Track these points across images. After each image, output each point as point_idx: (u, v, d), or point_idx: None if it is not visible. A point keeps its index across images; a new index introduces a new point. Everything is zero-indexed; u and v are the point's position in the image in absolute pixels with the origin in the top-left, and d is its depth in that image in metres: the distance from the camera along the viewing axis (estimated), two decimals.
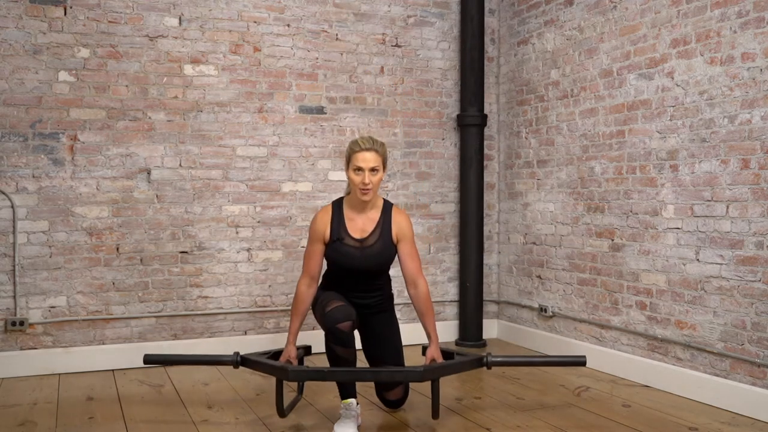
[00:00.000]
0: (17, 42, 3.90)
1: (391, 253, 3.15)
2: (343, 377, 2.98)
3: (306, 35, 4.53)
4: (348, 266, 3.12)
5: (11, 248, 3.90)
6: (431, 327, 3.16)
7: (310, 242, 3.18)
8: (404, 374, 2.96)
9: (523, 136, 4.79)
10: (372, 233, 3.12)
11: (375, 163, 3.00)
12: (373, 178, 3.01)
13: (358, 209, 3.14)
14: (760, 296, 3.18)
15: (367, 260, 3.10)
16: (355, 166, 3.01)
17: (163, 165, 4.21)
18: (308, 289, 3.15)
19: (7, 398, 3.49)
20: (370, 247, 3.11)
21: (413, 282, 3.15)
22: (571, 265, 4.33)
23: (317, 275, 3.18)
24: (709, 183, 3.43)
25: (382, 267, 3.19)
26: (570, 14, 4.34)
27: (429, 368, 2.93)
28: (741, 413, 3.24)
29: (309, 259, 3.16)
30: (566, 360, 3.36)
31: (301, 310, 3.16)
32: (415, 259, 3.16)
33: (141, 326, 4.17)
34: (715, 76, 3.39)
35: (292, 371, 2.90)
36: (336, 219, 3.13)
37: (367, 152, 3.00)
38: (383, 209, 3.17)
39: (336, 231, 3.11)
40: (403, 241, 3.15)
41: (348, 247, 3.10)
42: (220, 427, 3.08)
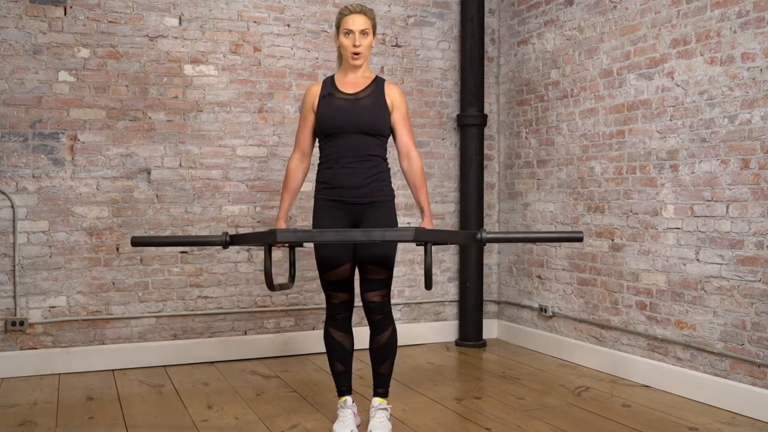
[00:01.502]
0: (17, 42, 3.90)
1: (384, 113, 2.98)
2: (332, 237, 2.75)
3: (306, 35, 4.53)
4: (340, 121, 2.93)
5: (11, 248, 3.90)
6: (424, 200, 3.02)
7: (301, 116, 3.08)
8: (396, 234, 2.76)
9: (523, 136, 4.79)
10: (364, 90, 2.99)
11: (365, 26, 2.94)
12: (364, 41, 2.94)
13: (349, 74, 3.03)
14: (760, 296, 3.18)
15: (359, 113, 2.94)
16: (345, 29, 2.94)
17: (163, 165, 4.21)
18: (299, 165, 3.08)
19: (7, 398, 3.49)
20: (361, 99, 2.96)
21: (406, 154, 3.03)
22: (571, 265, 4.33)
23: (309, 150, 3.09)
24: (709, 183, 3.43)
25: (376, 123, 2.96)
26: (570, 14, 4.35)
27: (421, 230, 2.73)
28: (741, 413, 3.24)
29: (300, 133, 3.08)
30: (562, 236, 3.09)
31: (293, 186, 3.08)
32: (409, 130, 3.05)
33: (141, 326, 4.17)
34: (715, 76, 3.39)
35: (280, 232, 2.72)
36: (326, 84, 3.04)
37: (357, 15, 2.93)
38: (376, 79, 3.06)
39: (326, 90, 3.01)
40: (397, 109, 3.01)
41: (339, 100, 2.97)
42: (220, 427, 3.08)
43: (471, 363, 4.32)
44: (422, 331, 4.81)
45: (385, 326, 2.99)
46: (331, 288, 3.04)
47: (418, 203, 3.06)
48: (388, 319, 3.01)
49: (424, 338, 4.79)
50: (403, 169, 3.06)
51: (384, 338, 2.99)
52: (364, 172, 2.95)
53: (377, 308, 2.98)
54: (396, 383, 3.70)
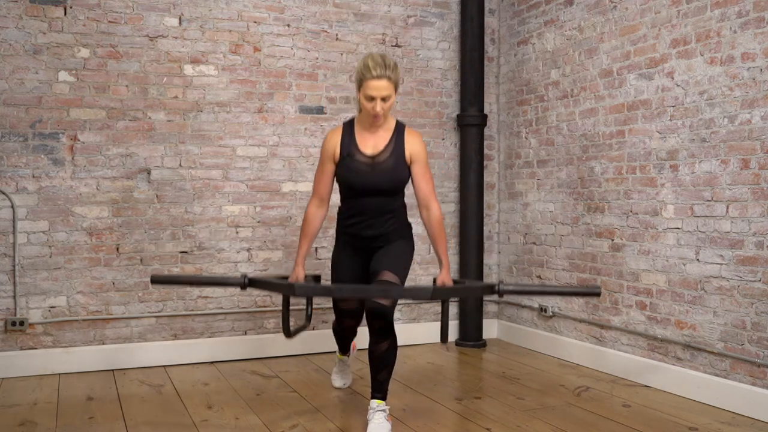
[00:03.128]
0: (17, 42, 3.90)
1: (404, 172, 3.03)
2: (350, 293, 2.93)
3: (306, 35, 4.53)
4: (359, 184, 3.01)
5: (11, 248, 3.90)
6: (443, 252, 3.04)
7: (320, 163, 3.10)
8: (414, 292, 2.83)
9: (523, 136, 4.79)
10: (384, 150, 3.02)
11: (387, 92, 2.91)
12: (385, 105, 2.93)
13: (369, 128, 3.05)
14: (760, 296, 3.18)
15: (378, 177, 2.99)
16: (367, 95, 2.92)
17: (163, 165, 4.21)
18: (317, 210, 3.11)
19: (7, 398, 3.49)
20: (381, 163, 3.00)
21: (426, 205, 3.05)
22: (571, 265, 4.33)
23: (327, 196, 3.12)
24: (709, 183, 3.43)
25: (395, 186, 3.05)
26: (570, 14, 4.35)
27: (439, 288, 2.81)
28: (741, 413, 3.24)
29: (319, 180, 3.10)
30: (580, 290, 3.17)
31: (310, 232, 3.11)
32: (428, 181, 3.06)
33: (141, 326, 4.17)
34: (715, 76, 3.39)
35: (299, 286, 2.83)
36: (347, 137, 3.05)
37: (379, 80, 2.88)
38: (396, 128, 3.07)
39: (346, 147, 3.02)
40: (416, 162, 3.03)
41: (359, 163, 3.00)
42: (220, 427, 3.08)
43: (471, 363, 4.32)
44: (422, 331, 4.81)
45: (385, 337, 2.96)
46: (342, 314, 3.29)
47: (437, 254, 3.09)
48: (390, 328, 2.97)
49: (424, 338, 4.79)
50: (422, 219, 3.11)
51: (383, 348, 2.97)
52: (383, 225, 3.08)
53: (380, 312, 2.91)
54: (396, 383, 3.71)
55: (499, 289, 2.94)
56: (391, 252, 3.07)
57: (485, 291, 3.06)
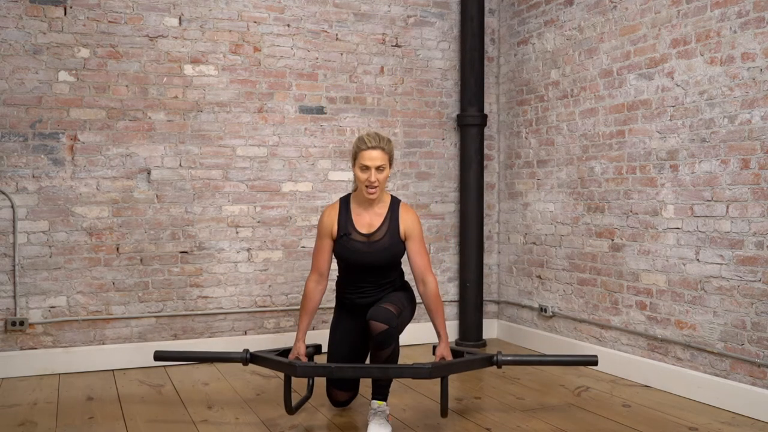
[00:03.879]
0: (17, 42, 3.90)
1: (399, 248, 3.13)
2: (351, 374, 3.02)
3: (306, 35, 4.53)
4: (357, 262, 3.12)
5: (11, 248, 3.90)
6: (441, 325, 3.12)
7: (318, 239, 3.19)
8: (413, 371, 2.89)
9: (523, 136, 4.79)
10: (379, 228, 3.11)
11: (381, 162, 3.01)
12: (380, 176, 3.02)
13: (365, 205, 3.14)
14: (760, 296, 3.18)
15: (375, 255, 3.09)
16: (362, 165, 3.02)
17: (163, 165, 4.21)
18: (317, 286, 3.16)
19: (7, 398, 3.49)
20: (377, 242, 3.10)
21: (422, 280, 3.13)
22: (571, 265, 4.33)
23: (326, 272, 3.18)
24: (709, 183, 3.43)
25: (391, 262, 3.16)
26: (570, 14, 4.34)
27: (437, 365, 2.89)
28: (741, 413, 3.24)
29: (317, 256, 3.17)
30: (578, 360, 3.29)
31: (310, 308, 3.16)
32: (423, 256, 3.14)
33: (141, 326, 4.17)
34: (715, 76, 3.39)
35: (300, 367, 2.90)
36: (343, 215, 3.14)
37: (374, 150, 3.00)
38: (390, 205, 3.16)
39: (343, 226, 3.11)
40: (410, 238, 3.13)
41: (355, 242, 3.10)
42: (220, 427, 3.08)
43: None
44: (422, 331, 4.80)
45: (388, 343, 2.94)
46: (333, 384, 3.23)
47: (435, 327, 3.15)
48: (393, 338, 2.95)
49: (424, 338, 4.78)
50: (419, 293, 3.17)
51: (385, 354, 2.96)
52: (379, 294, 3.16)
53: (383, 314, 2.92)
54: (396, 383, 3.70)
55: (497, 360, 3.11)
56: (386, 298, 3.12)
57: (483, 364, 3.16)
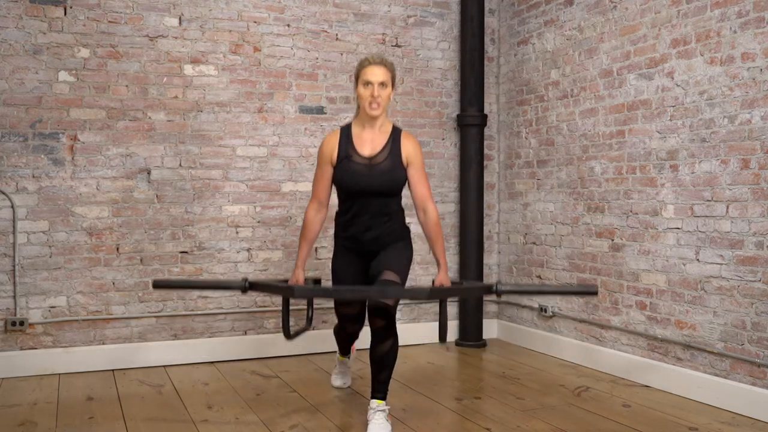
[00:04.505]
0: (17, 42, 3.90)
1: (400, 173, 3.06)
2: (348, 295, 2.99)
3: (306, 35, 4.53)
4: (357, 186, 3.04)
5: (11, 248, 3.90)
6: (440, 253, 3.08)
7: (318, 167, 3.14)
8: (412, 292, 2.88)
9: (523, 136, 4.79)
10: (381, 151, 3.06)
11: (384, 78, 2.98)
12: (382, 93, 2.99)
13: (367, 127, 3.08)
14: (760, 296, 3.18)
15: (376, 178, 3.03)
16: (364, 81, 2.99)
17: (163, 165, 4.21)
18: (317, 214, 3.14)
19: (7, 398, 3.49)
20: (379, 164, 3.04)
21: (423, 207, 3.08)
22: (571, 265, 4.33)
23: (326, 200, 3.14)
24: (709, 183, 3.43)
25: (392, 187, 3.08)
26: (570, 14, 4.34)
27: (437, 288, 2.85)
28: (741, 413, 3.24)
29: (317, 183, 3.13)
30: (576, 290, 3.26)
31: (310, 237, 3.14)
32: (425, 183, 3.10)
33: (141, 326, 4.17)
34: (715, 76, 3.39)
35: (298, 289, 2.89)
36: (344, 139, 3.08)
37: (376, 66, 2.98)
38: (392, 132, 3.11)
39: (344, 150, 3.06)
40: (412, 165, 3.07)
41: (356, 164, 3.04)
42: (220, 427, 3.08)
43: (471, 363, 4.32)
44: (422, 331, 4.80)
45: (387, 337, 3.00)
46: (345, 319, 3.28)
47: (434, 255, 3.12)
48: (392, 328, 3.01)
49: (424, 338, 4.78)
50: (419, 221, 3.14)
51: (385, 348, 3.00)
52: (380, 228, 3.10)
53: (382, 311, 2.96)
54: (396, 383, 3.71)
55: (497, 289, 3.02)
56: (391, 254, 3.10)
57: (483, 291, 3.12)
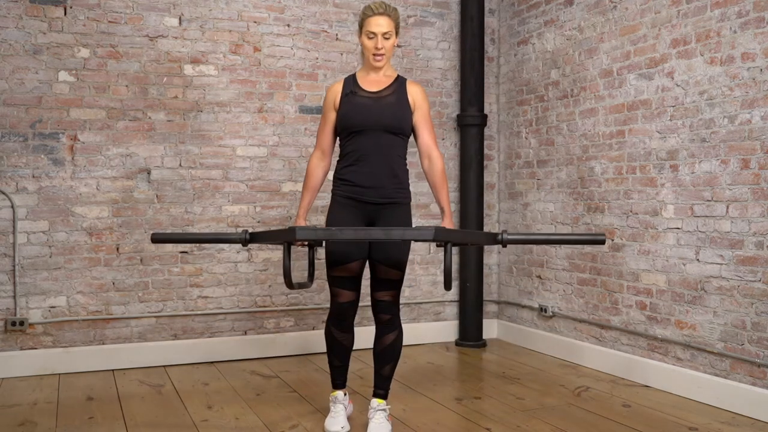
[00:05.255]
0: (17, 42, 3.90)
1: (406, 112, 2.99)
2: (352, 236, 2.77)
3: (306, 35, 4.53)
4: (362, 120, 2.94)
5: (11, 248, 3.90)
6: (445, 201, 3.04)
7: (322, 115, 3.10)
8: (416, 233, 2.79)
9: (523, 136, 4.79)
10: (387, 88, 3.02)
11: (388, 28, 2.95)
12: (386, 43, 2.96)
13: (372, 73, 3.05)
14: (760, 296, 3.18)
15: (382, 112, 2.95)
16: (368, 32, 2.96)
17: (163, 165, 4.21)
18: (320, 162, 3.09)
19: (7, 398, 3.49)
20: (385, 98, 2.98)
21: (428, 154, 3.04)
22: (571, 265, 4.33)
23: (329, 148, 3.10)
24: (709, 183, 3.43)
25: (398, 123, 2.97)
26: (570, 14, 4.35)
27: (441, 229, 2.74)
28: (741, 413, 3.24)
29: (321, 132, 3.10)
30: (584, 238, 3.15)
31: (312, 185, 3.09)
32: (430, 129, 3.06)
33: (141, 326, 4.17)
34: (715, 76, 3.39)
35: (300, 230, 2.73)
36: (349, 82, 3.05)
37: (380, 17, 2.94)
38: (397, 78, 3.07)
39: (349, 88, 3.02)
40: (419, 109, 3.03)
41: (362, 98, 2.98)
42: (220, 427, 3.08)
43: (471, 363, 4.32)
44: (422, 331, 4.81)
45: (392, 328, 3.01)
46: (339, 284, 3.00)
47: (438, 203, 3.07)
48: (396, 321, 3.02)
49: (424, 338, 4.79)
50: (424, 169, 3.08)
51: (389, 340, 3.00)
52: (385, 171, 2.97)
53: (387, 307, 2.98)
54: (396, 383, 3.70)
55: (502, 239, 2.87)
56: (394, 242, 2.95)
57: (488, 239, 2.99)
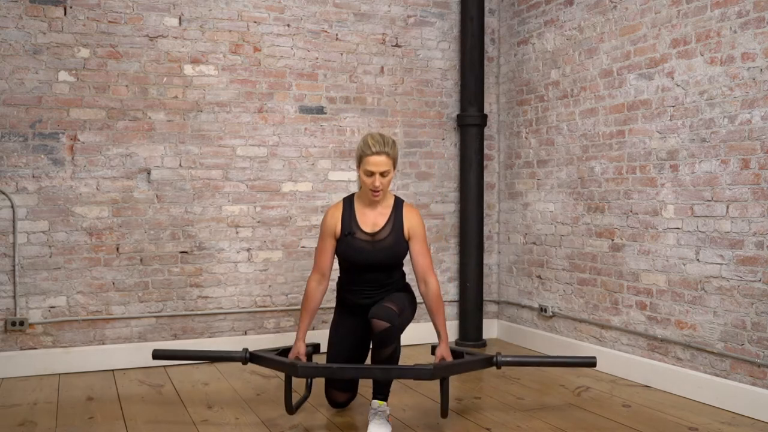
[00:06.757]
0: (17, 42, 3.90)
1: (402, 248, 3.15)
2: (353, 374, 3.03)
3: (306, 35, 4.53)
4: (360, 261, 3.12)
5: (11, 248, 3.90)
6: (441, 325, 3.13)
7: (320, 238, 3.20)
8: (414, 372, 2.91)
9: (523, 136, 4.79)
10: (383, 228, 3.13)
11: (386, 167, 3.04)
12: (384, 181, 3.06)
13: (369, 205, 3.16)
14: (760, 296, 3.18)
15: (378, 254, 3.11)
16: (366, 170, 3.05)
17: (163, 165, 4.21)
18: (318, 286, 3.17)
19: (7, 398, 3.49)
20: (381, 240, 3.12)
21: (424, 279, 3.15)
22: (571, 265, 4.33)
23: (328, 271, 3.19)
24: (709, 183, 3.43)
25: (394, 261, 3.17)
26: (570, 14, 4.34)
27: (439, 366, 2.91)
28: (741, 413, 3.24)
29: (320, 256, 3.18)
30: (576, 361, 3.36)
31: (311, 308, 3.17)
32: (426, 256, 3.16)
33: (141, 326, 4.17)
34: (715, 76, 3.39)
35: (302, 367, 2.90)
36: (347, 214, 3.15)
37: (378, 156, 3.02)
38: (394, 205, 3.18)
39: (347, 225, 3.13)
40: (414, 238, 3.15)
41: (359, 241, 3.11)
42: (220, 427, 3.08)
43: None
44: (422, 331, 4.80)
45: (390, 342, 2.96)
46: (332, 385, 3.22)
47: (435, 327, 3.16)
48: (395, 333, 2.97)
49: (424, 338, 4.78)
50: (420, 293, 3.20)
51: (386, 353, 2.97)
52: (382, 295, 3.16)
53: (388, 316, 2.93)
54: (396, 383, 3.70)
55: (497, 361, 3.16)
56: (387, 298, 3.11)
57: (484, 365, 3.20)
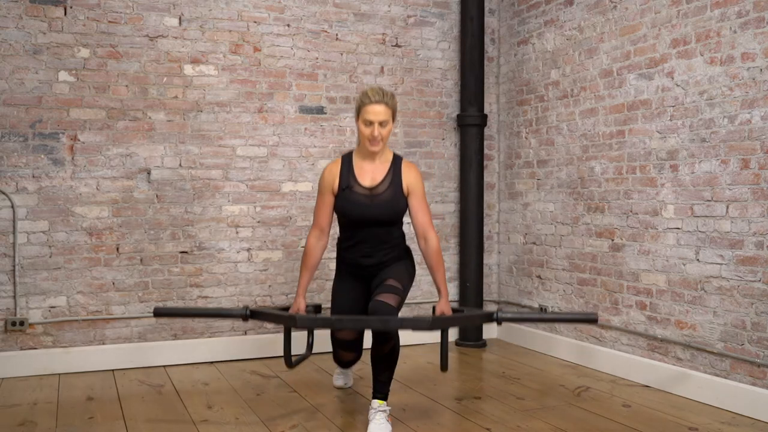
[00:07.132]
0: (17, 42, 3.90)
1: (401, 203, 3.12)
2: (350, 325, 3.01)
3: (306, 35, 4.53)
4: (358, 216, 3.10)
5: (11, 248, 3.90)
6: (441, 281, 3.12)
7: (319, 194, 3.19)
8: (413, 322, 2.92)
9: (523, 136, 4.79)
10: (382, 182, 3.11)
11: (384, 116, 3.02)
12: (383, 131, 3.03)
13: (367, 159, 3.14)
14: (760, 296, 3.18)
15: (377, 208, 3.09)
16: (365, 119, 3.03)
17: (163, 165, 4.21)
18: (318, 242, 3.17)
19: (7, 398, 3.49)
20: (380, 195, 3.09)
21: (423, 235, 3.12)
22: (571, 265, 4.33)
23: (327, 227, 3.19)
24: (709, 183, 3.43)
25: (393, 216, 3.14)
26: (570, 14, 4.35)
27: (438, 317, 2.90)
28: (741, 413, 3.24)
29: (318, 211, 3.18)
30: (576, 317, 3.33)
31: (311, 264, 3.17)
32: (425, 212, 3.14)
33: (141, 326, 4.17)
34: (715, 76, 3.39)
35: (300, 318, 2.91)
36: (345, 169, 3.14)
37: (377, 105, 3.01)
38: (393, 161, 3.16)
39: (345, 180, 3.11)
40: (413, 194, 3.13)
41: (358, 195, 3.09)
42: (220, 426, 3.08)
43: (471, 363, 4.32)
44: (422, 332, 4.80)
45: (389, 339, 3.00)
46: (340, 346, 3.27)
47: (435, 283, 3.16)
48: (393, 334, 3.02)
49: (424, 338, 4.78)
50: (420, 249, 3.17)
51: (386, 349, 3.01)
52: (382, 254, 3.16)
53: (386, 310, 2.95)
54: (396, 383, 3.71)
55: (497, 317, 3.12)
56: (391, 272, 3.13)
57: (484, 319, 3.20)
